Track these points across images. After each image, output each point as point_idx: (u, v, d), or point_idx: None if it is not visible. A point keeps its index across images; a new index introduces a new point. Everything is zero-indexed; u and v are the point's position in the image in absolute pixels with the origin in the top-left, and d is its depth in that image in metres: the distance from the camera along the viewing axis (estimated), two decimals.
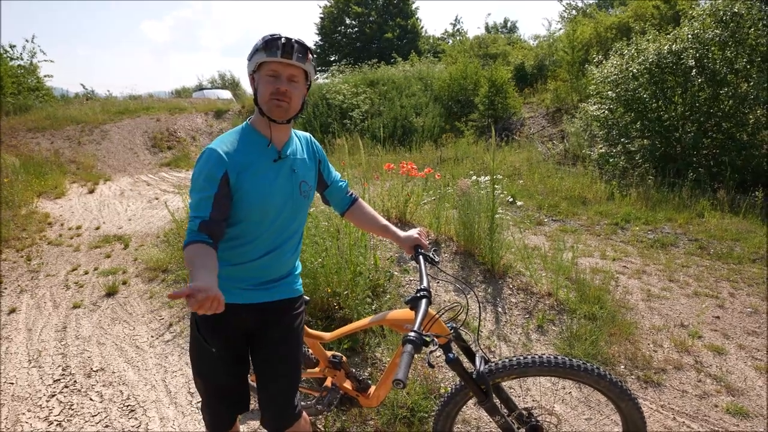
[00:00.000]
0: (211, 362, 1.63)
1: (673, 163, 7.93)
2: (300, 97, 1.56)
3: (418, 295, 1.59)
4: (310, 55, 1.54)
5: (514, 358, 1.74)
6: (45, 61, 17.51)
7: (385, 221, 1.93)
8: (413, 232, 1.89)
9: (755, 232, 5.47)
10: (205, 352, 1.62)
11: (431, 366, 1.36)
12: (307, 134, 1.79)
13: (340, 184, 1.90)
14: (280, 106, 1.51)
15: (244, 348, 1.72)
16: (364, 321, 2.01)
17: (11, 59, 15.90)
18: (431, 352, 1.39)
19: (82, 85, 30.43)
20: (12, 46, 16.04)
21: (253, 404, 2.67)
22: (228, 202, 1.49)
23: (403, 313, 1.85)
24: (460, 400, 1.84)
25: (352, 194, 1.93)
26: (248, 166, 1.52)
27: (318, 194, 1.90)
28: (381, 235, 1.98)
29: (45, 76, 17.10)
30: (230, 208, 1.51)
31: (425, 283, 1.65)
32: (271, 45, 1.47)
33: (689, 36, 7.89)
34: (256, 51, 1.51)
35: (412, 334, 1.33)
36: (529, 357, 1.72)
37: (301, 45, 1.49)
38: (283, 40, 1.47)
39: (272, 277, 1.67)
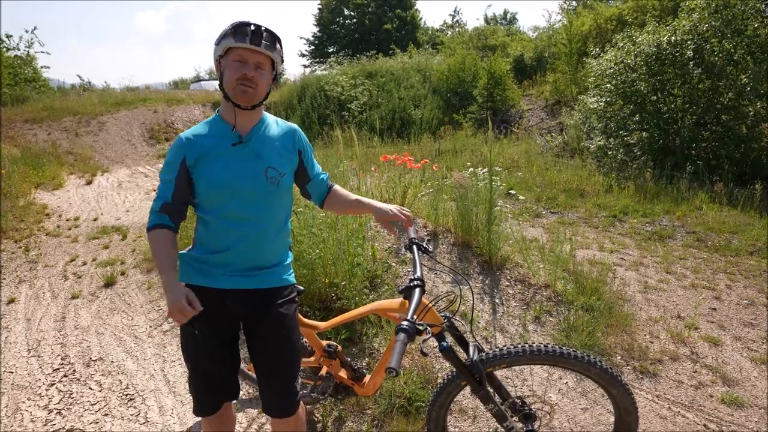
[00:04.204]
0: (196, 345, 1.65)
1: (671, 156, 7.92)
2: (266, 84, 1.60)
3: (412, 284, 1.60)
4: (278, 45, 1.56)
5: (506, 347, 1.75)
6: (41, 52, 17.39)
7: (356, 196, 1.88)
8: (392, 207, 1.80)
9: (753, 225, 5.48)
10: (190, 334, 1.63)
11: (424, 354, 1.37)
12: (294, 125, 1.78)
13: (322, 177, 1.87)
14: (246, 91, 1.54)
15: (233, 335, 1.72)
16: (358, 310, 2.02)
17: (7, 50, 15.75)
18: (424, 341, 1.39)
19: (78, 76, 30.11)
20: (8, 37, 15.92)
21: (252, 393, 2.69)
22: (188, 185, 1.59)
23: (397, 302, 1.85)
24: (454, 389, 1.85)
25: (329, 184, 1.90)
26: (205, 150, 1.57)
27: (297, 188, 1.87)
28: (361, 212, 1.95)
29: (42, 67, 16.99)
30: (192, 191, 1.60)
31: (418, 273, 1.65)
32: (240, 31, 1.49)
33: (687, 27, 7.86)
34: (224, 36, 1.52)
35: (405, 323, 1.34)
36: (520, 346, 1.73)
37: (270, 33, 1.53)
38: (252, 27, 1.50)
39: (255, 264, 1.66)
